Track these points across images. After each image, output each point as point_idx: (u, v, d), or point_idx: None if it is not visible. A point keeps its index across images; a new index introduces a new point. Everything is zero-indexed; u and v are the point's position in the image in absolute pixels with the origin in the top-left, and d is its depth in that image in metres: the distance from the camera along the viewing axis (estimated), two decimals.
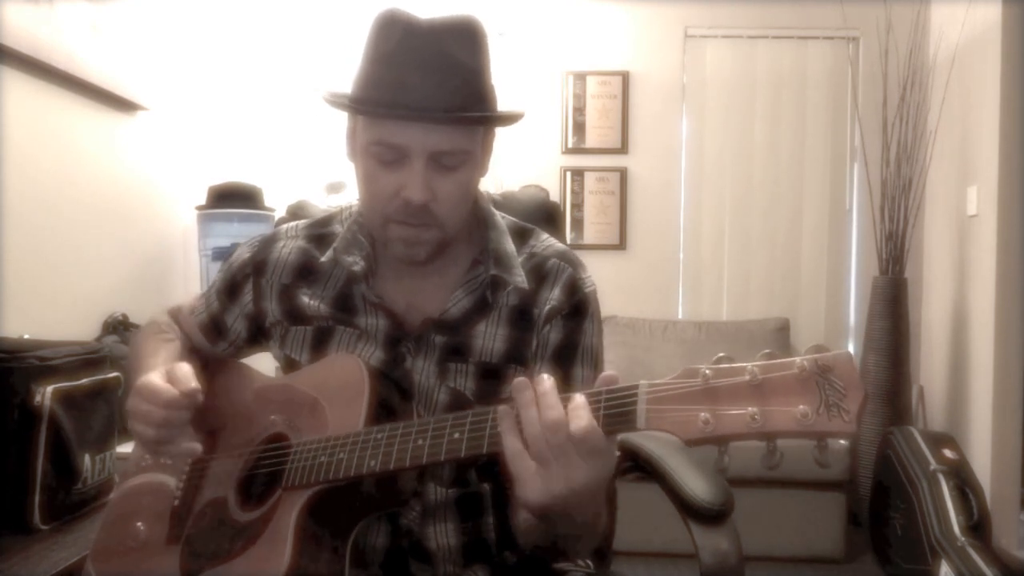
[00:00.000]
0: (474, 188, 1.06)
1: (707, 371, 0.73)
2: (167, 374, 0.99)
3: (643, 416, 0.74)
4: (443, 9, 0.98)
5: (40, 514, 1.43)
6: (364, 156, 1.00)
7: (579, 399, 0.77)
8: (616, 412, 0.76)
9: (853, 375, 0.69)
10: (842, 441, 3.13)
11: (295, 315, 1.12)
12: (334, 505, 0.94)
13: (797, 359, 0.70)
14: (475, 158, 1.02)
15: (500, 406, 0.81)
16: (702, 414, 0.71)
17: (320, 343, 1.09)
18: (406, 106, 0.94)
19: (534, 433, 0.77)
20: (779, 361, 0.71)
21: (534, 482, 0.77)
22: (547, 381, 0.79)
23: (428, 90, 0.93)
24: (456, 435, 0.85)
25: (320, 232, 1.16)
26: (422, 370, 1.06)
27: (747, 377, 0.71)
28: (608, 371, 0.81)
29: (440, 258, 1.06)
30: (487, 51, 0.99)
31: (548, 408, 0.76)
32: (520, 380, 0.79)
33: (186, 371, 0.98)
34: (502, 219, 1.14)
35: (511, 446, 0.79)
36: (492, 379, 1.06)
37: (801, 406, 0.69)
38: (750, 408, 0.70)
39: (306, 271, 1.13)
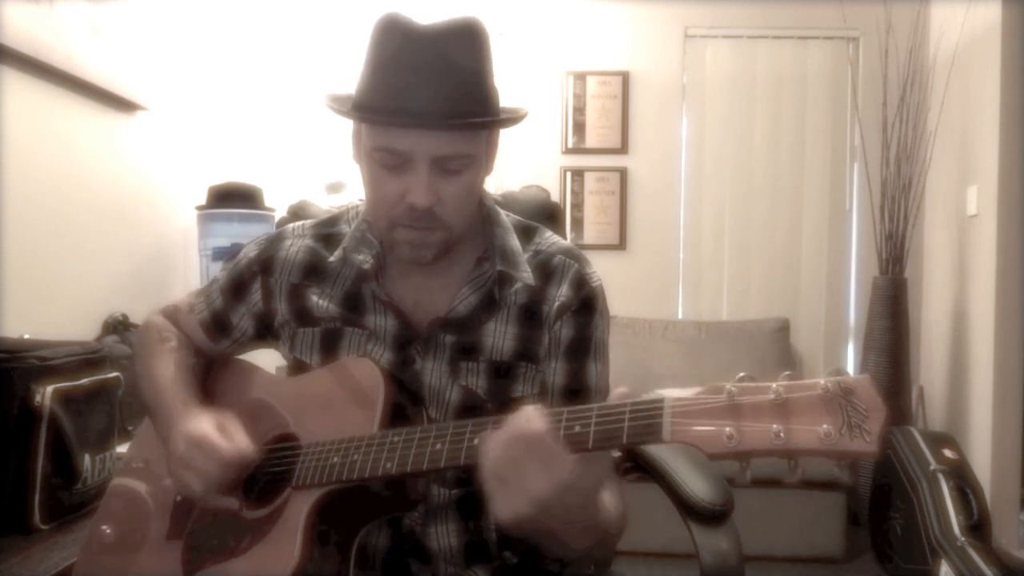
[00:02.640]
0: (479, 189, 1.06)
1: (732, 388, 0.74)
2: (221, 428, 0.99)
3: (668, 429, 0.75)
4: (444, 10, 0.97)
5: (40, 514, 1.43)
6: (368, 161, 1.00)
7: (532, 409, 0.79)
8: (641, 424, 0.77)
9: (875, 397, 0.70)
10: None
11: (303, 316, 1.12)
12: (344, 506, 0.94)
13: (821, 380, 0.72)
14: (478, 161, 1.02)
15: (485, 433, 0.82)
16: (727, 429, 0.72)
17: (330, 345, 1.10)
18: (407, 113, 0.94)
19: (495, 453, 0.78)
20: (803, 382, 0.73)
21: (496, 499, 0.78)
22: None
23: (429, 96, 0.93)
24: (475, 441, 0.84)
25: (328, 232, 1.16)
26: (432, 371, 1.06)
27: (771, 396, 0.72)
28: (621, 388, 0.82)
29: (446, 257, 1.06)
30: (489, 53, 0.99)
31: (506, 426, 0.78)
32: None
33: (236, 428, 0.99)
34: (507, 217, 1.14)
35: (483, 467, 0.80)
36: (504, 377, 1.06)
37: (824, 425, 0.70)
38: (774, 425, 0.71)
39: (314, 270, 1.13)
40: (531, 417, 0.78)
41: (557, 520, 0.80)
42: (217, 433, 0.98)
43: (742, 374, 0.75)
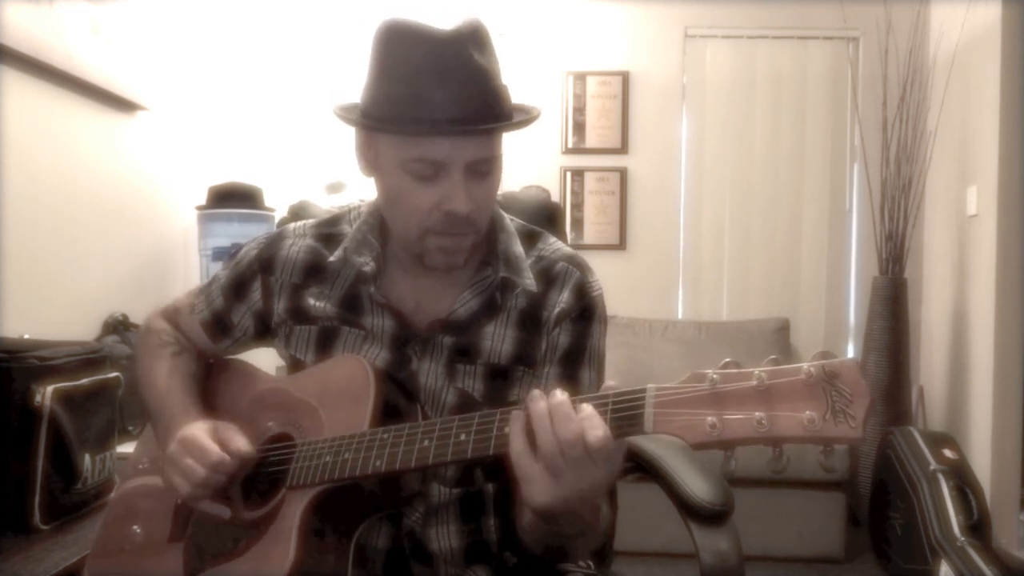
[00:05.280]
0: (498, 188, 1.07)
1: (714, 375, 0.73)
2: (214, 431, 0.99)
3: (650, 420, 0.75)
4: (443, 11, 0.97)
5: (40, 514, 1.43)
6: (397, 173, 0.99)
7: (587, 409, 0.77)
8: (623, 416, 0.77)
9: (859, 382, 0.69)
10: None
11: (301, 315, 1.12)
12: (338, 504, 0.95)
13: (804, 365, 0.71)
14: (501, 161, 1.03)
15: (512, 409, 0.81)
16: (709, 418, 0.72)
17: (325, 343, 1.10)
18: (445, 121, 0.93)
19: (549, 446, 0.77)
20: (786, 367, 0.72)
21: (542, 485, 0.78)
22: (560, 394, 0.79)
23: (461, 102, 0.93)
24: (463, 436, 0.85)
25: (329, 232, 1.16)
26: (429, 371, 1.06)
27: (754, 382, 0.72)
28: (609, 381, 0.82)
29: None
30: (495, 50, 0.99)
31: (564, 422, 0.76)
32: (535, 392, 0.80)
33: (234, 433, 1.00)
34: (511, 222, 1.14)
35: (517, 448, 0.79)
36: (500, 381, 1.06)
37: (808, 412, 0.69)
38: (757, 413, 0.70)
39: (315, 270, 1.13)
40: (594, 422, 0.76)
41: (584, 506, 0.81)
42: (207, 436, 0.98)
43: (727, 360, 0.74)
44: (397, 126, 0.96)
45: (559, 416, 0.77)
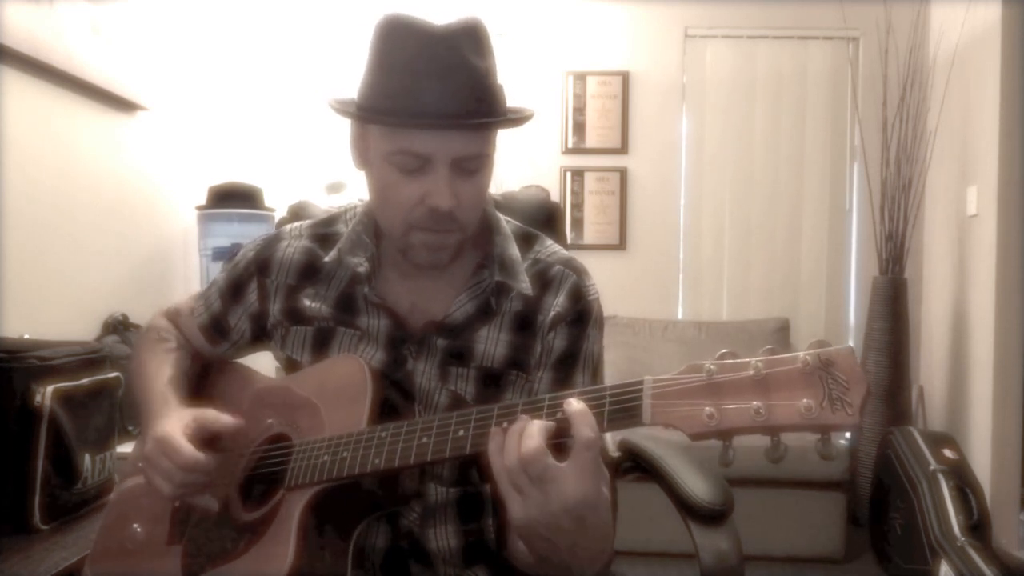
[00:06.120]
0: (488, 189, 1.06)
1: (711, 366, 0.74)
2: (190, 427, 0.98)
3: (648, 411, 0.75)
4: (445, 9, 0.97)
5: (40, 514, 1.43)
6: (384, 165, 0.99)
7: (535, 425, 0.77)
8: (621, 407, 0.77)
9: (855, 369, 0.70)
10: (843, 440, 3.14)
11: (297, 316, 1.12)
12: (337, 504, 0.94)
13: (800, 354, 0.71)
14: (491, 160, 1.02)
15: (493, 427, 0.81)
16: (707, 408, 0.72)
17: (321, 344, 1.10)
18: (431, 115, 0.93)
19: (510, 466, 0.78)
20: (782, 356, 0.72)
21: (513, 501, 0.78)
22: (521, 421, 0.79)
23: (450, 97, 0.93)
24: (461, 432, 0.85)
25: (324, 232, 1.16)
26: (423, 373, 1.06)
27: (751, 372, 0.72)
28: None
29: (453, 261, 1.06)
30: (493, 50, 0.99)
31: (518, 443, 0.77)
32: (495, 430, 0.81)
33: (212, 419, 0.99)
34: (507, 224, 1.14)
35: (494, 465, 0.79)
36: (493, 384, 1.06)
37: (805, 400, 0.69)
38: (754, 402, 0.71)
39: (310, 271, 1.13)
40: (586, 420, 0.76)
41: (570, 537, 0.79)
42: (181, 434, 0.96)
43: (724, 351, 0.75)
44: (385, 117, 0.97)
45: (511, 436, 0.78)
